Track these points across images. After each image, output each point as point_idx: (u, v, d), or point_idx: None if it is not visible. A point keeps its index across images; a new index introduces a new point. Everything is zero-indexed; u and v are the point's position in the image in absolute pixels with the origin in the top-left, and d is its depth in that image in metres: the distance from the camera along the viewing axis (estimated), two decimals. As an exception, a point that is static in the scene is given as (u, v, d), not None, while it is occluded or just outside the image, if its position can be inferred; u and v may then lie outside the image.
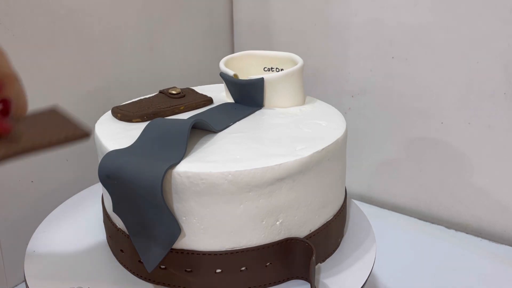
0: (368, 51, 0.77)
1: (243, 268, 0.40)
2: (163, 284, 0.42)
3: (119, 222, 0.43)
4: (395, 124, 0.78)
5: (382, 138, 0.80)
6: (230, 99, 0.55)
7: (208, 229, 0.39)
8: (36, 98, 0.59)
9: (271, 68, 0.57)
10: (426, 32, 0.71)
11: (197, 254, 0.40)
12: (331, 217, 0.46)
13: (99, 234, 0.49)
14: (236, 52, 0.64)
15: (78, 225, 0.52)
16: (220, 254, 0.40)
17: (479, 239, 0.73)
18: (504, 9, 0.65)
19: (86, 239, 0.49)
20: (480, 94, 0.69)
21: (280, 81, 0.51)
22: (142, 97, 0.54)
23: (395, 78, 0.76)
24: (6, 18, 0.54)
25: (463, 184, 0.75)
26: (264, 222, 0.40)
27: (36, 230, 0.51)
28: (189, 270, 0.40)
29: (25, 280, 0.43)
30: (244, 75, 0.53)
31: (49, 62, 0.60)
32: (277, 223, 0.41)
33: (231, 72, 0.52)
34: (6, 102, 0.27)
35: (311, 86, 0.75)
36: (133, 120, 0.48)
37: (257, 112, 0.51)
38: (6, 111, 0.27)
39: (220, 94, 0.56)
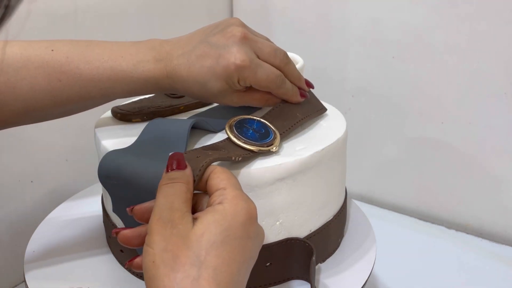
0: (368, 51, 0.77)
1: (243, 268, 0.40)
2: (163, 284, 0.42)
3: (119, 222, 0.43)
4: (395, 124, 0.78)
5: (382, 138, 0.80)
6: (230, 99, 0.55)
7: (208, 229, 0.39)
8: (36, 98, 0.59)
9: (271, 68, 0.56)
10: (426, 32, 0.71)
11: (197, 254, 0.40)
12: (331, 217, 0.46)
13: (99, 234, 0.49)
14: (236, 52, 0.65)
15: (78, 225, 0.52)
16: (220, 254, 0.40)
17: (480, 239, 0.73)
18: (504, 9, 0.64)
19: (86, 239, 0.49)
20: (480, 94, 0.69)
21: (280, 81, 0.51)
22: (142, 97, 0.54)
23: (395, 78, 0.76)
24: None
25: (463, 184, 0.75)
26: (264, 222, 0.40)
27: (36, 230, 0.51)
28: (189, 270, 0.40)
29: (25, 280, 0.43)
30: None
31: (49, 62, 0.60)
32: (277, 223, 0.41)
33: (231, 72, 0.52)
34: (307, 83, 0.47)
35: (311, 86, 0.75)
36: (133, 120, 0.48)
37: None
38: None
39: (220, 94, 0.56)
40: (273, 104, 0.44)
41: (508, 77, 0.67)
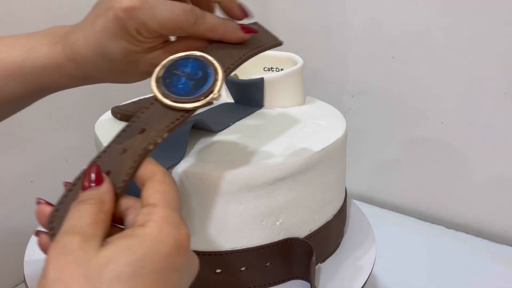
0: (368, 51, 0.77)
1: (243, 268, 0.40)
2: (163, 284, 0.42)
3: (119, 222, 0.43)
4: (395, 124, 0.78)
5: (382, 138, 0.80)
6: (230, 99, 0.55)
7: (208, 229, 0.39)
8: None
9: (271, 68, 0.56)
10: (426, 32, 0.71)
11: (197, 254, 0.40)
12: (331, 217, 0.46)
13: (99, 234, 0.49)
14: (236, 52, 0.64)
15: (78, 225, 0.52)
16: (220, 254, 0.40)
17: (479, 239, 0.73)
18: (504, 9, 0.65)
19: (86, 239, 0.49)
20: (480, 94, 0.69)
21: (280, 81, 0.51)
22: (142, 97, 0.54)
23: (395, 78, 0.76)
24: (6, 18, 0.54)
25: (463, 184, 0.75)
26: (264, 222, 0.40)
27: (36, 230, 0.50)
28: (189, 270, 0.40)
29: (25, 280, 0.43)
30: (244, 75, 0.53)
31: (49, 62, 0.60)
32: (277, 223, 0.41)
33: (231, 72, 0.52)
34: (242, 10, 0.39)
35: (311, 86, 0.75)
36: (133, 120, 0.48)
37: (257, 112, 0.51)
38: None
39: (220, 94, 0.56)
40: None
41: (508, 77, 0.67)
